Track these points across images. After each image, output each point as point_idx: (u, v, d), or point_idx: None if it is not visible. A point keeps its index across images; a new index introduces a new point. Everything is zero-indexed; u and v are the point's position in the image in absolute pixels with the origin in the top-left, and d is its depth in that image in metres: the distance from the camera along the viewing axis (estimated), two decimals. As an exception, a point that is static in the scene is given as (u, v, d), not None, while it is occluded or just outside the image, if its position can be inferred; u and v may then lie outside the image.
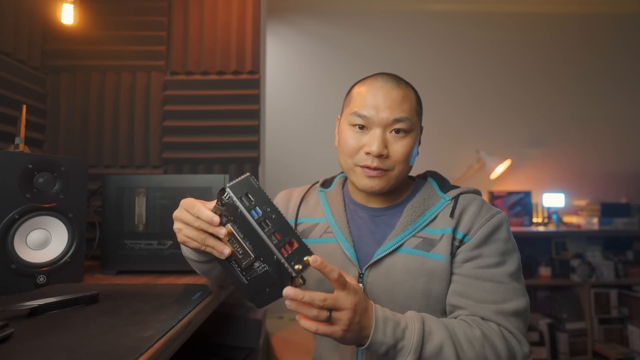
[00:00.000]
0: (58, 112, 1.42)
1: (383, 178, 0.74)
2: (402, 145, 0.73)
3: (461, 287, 0.71)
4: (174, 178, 1.06)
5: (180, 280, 0.95)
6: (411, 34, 2.77)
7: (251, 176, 0.61)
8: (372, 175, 0.74)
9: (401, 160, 0.73)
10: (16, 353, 0.48)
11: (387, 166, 0.73)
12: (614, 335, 2.42)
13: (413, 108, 0.75)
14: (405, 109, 0.73)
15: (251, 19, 1.50)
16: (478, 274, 0.70)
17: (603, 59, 2.79)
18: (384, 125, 0.73)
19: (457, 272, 0.72)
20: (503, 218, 0.74)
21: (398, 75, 0.78)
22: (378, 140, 0.72)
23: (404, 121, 0.73)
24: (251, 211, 0.59)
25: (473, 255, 0.72)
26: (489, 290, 0.69)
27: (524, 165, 2.75)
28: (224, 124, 1.47)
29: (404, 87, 0.75)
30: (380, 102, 0.73)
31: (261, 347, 1.32)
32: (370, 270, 0.75)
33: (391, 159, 0.73)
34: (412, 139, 0.75)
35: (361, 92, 0.76)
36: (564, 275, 2.46)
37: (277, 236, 0.58)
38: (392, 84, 0.74)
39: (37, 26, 1.36)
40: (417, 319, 0.64)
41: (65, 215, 0.88)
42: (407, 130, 0.73)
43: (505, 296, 0.69)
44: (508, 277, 0.70)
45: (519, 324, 0.68)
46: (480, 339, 0.63)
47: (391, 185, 0.76)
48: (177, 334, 0.58)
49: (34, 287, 0.82)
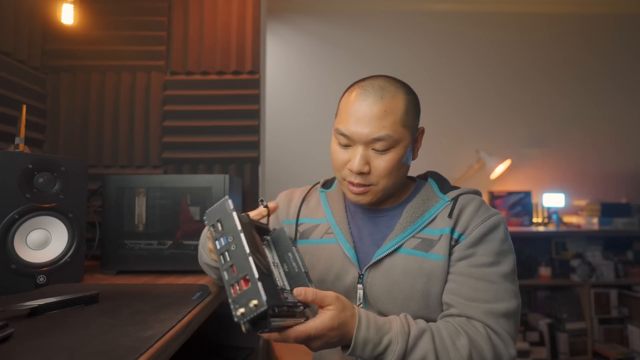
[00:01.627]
0: (58, 112, 1.42)
1: (368, 193, 0.74)
2: (385, 161, 0.72)
3: (454, 286, 0.71)
4: (174, 178, 1.07)
5: (180, 280, 0.95)
6: (411, 34, 2.77)
7: (227, 200, 0.57)
8: (356, 192, 0.74)
9: (384, 175, 0.72)
10: (16, 353, 0.48)
11: (369, 182, 0.73)
12: (614, 335, 2.42)
13: (397, 121, 0.71)
14: (387, 125, 0.70)
15: (251, 19, 1.50)
16: (471, 272, 0.70)
17: (603, 59, 2.79)
18: (364, 143, 0.71)
19: (452, 270, 0.72)
20: (501, 219, 0.74)
21: (388, 80, 0.75)
22: (358, 158, 0.71)
23: (384, 139, 0.70)
24: (217, 240, 0.55)
25: (467, 254, 0.71)
26: (481, 289, 0.69)
27: (524, 165, 2.75)
28: (224, 124, 1.47)
29: (388, 98, 0.71)
30: (361, 118, 0.71)
31: (261, 347, 1.32)
32: (370, 270, 0.75)
33: (374, 174, 0.73)
34: (397, 152, 0.72)
35: (346, 106, 0.74)
36: (564, 275, 2.46)
37: (233, 271, 0.52)
38: (374, 98, 0.71)
39: (37, 26, 1.36)
40: (402, 333, 0.62)
41: (65, 215, 0.88)
42: (388, 147, 0.71)
43: (496, 296, 0.68)
44: (501, 278, 0.70)
45: (508, 325, 0.67)
46: (466, 347, 0.63)
47: (378, 197, 0.76)
48: (177, 334, 0.58)
49: (34, 287, 0.82)
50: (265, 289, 0.49)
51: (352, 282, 0.76)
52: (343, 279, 0.77)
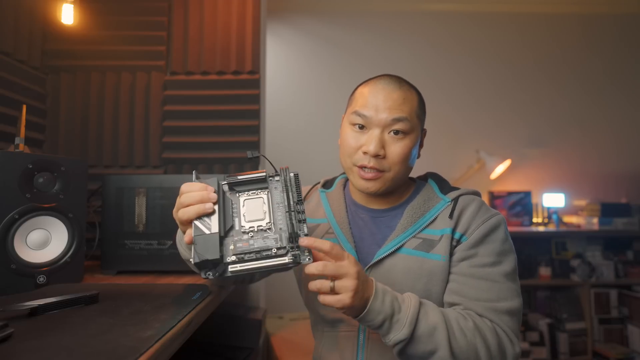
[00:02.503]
0: (58, 112, 1.42)
1: (378, 180, 0.74)
2: (400, 147, 0.73)
3: (457, 286, 0.71)
4: (174, 178, 1.06)
5: (180, 280, 0.95)
6: (411, 34, 2.77)
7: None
8: (367, 178, 0.74)
9: (398, 161, 0.73)
10: (16, 353, 0.48)
11: (383, 167, 0.73)
12: (614, 335, 2.42)
13: (414, 110, 0.75)
14: (405, 110, 0.73)
15: (251, 19, 1.50)
16: (473, 272, 0.71)
17: (603, 59, 2.79)
18: (382, 126, 0.73)
19: (453, 270, 0.73)
20: (501, 219, 0.75)
21: (402, 78, 0.78)
22: (375, 140, 0.72)
23: (403, 121, 0.72)
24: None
25: (469, 255, 0.72)
26: (484, 288, 0.69)
27: (524, 165, 2.75)
28: (224, 124, 1.47)
29: (405, 89, 0.75)
30: (380, 103, 0.73)
31: (261, 347, 1.32)
32: (371, 270, 0.75)
33: (388, 159, 0.73)
34: (411, 140, 0.74)
35: (363, 92, 0.77)
36: (564, 275, 2.46)
37: None
38: (394, 86, 0.74)
39: (37, 26, 1.36)
40: (414, 297, 0.65)
41: (65, 215, 0.88)
42: (405, 131, 0.73)
43: (499, 295, 0.69)
44: (503, 277, 0.71)
45: (512, 323, 0.68)
46: (472, 329, 0.64)
47: (387, 187, 0.76)
48: (177, 334, 0.58)
49: (34, 287, 0.82)
50: (198, 248, 0.58)
51: (353, 283, 0.76)
52: None
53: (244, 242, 0.60)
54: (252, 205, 0.64)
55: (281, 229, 0.62)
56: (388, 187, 0.76)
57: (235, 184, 0.66)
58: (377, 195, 0.79)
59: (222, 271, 0.58)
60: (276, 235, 0.61)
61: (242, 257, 0.58)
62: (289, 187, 0.64)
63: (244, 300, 1.49)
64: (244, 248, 0.59)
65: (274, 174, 0.68)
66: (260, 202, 0.65)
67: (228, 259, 0.58)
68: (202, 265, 0.58)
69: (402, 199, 0.82)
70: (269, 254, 0.59)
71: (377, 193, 0.76)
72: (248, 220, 0.63)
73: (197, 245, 0.58)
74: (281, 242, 0.60)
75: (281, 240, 0.60)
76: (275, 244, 0.60)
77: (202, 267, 0.58)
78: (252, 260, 0.59)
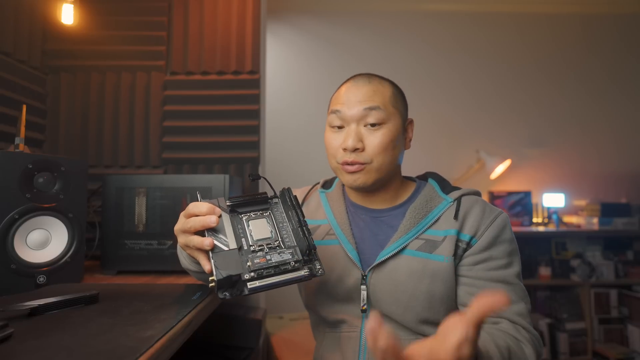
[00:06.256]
0: (58, 112, 1.42)
1: (363, 172, 0.75)
2: (378, 137, 0.74)
3: (476, 290, 0.72)
4: (174, 178, 1.06)
5: (180, 280, 0.95)
6: (411, 34, 2.76)
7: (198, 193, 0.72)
8: (351, 171, 0.75)
9: (378, 151, 0.74)
10: (16, 353, 0.48)
11: (364, 159, 0.74)
12: (614, 335, 2.41)
13: (387, 99, 0.76)
14: (377, 100, 0.75)
15: (251, 19, 1.50)
16: (490, 276, 0.72)
17: (603, 59, 2.79)
18: (357, 120, 0.75)
19: (469, 274, 0.73)
20: (506, 218, 0.76)
21: (374, 74, 0.80)
22: (352, 135, 0.74)
23: (375, 110, 0.74)
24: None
25: (483, 258, 0.72)
26: (502, 291, 0.70)
27: (524, 165, 2.75)
28: (224, 124, 1.47)
29: (376, 82, 0.77)
30: (351, 97, 0.75)
31: (261, 347, 1.32)
32: (373, 272, 0.75)
33: (367, 151, 0.74)
34: (389, 130, 0.75)
35: (338, 93, 0.79)
36: (564, 275, 2.46)
37: None
38: (364, 81, 0.77)
39: (37, 26, 1.36)
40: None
41: (65, 215, 0.88)
42: (380, 121, 0.74)
43: (517, 297, 0.71)
44: (516, 278, 0.73)
45: (531, 323, 0.70)
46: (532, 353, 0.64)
47: (375, 178, 0.75)
48: (177, 334, 0.58)
49: (34, 287, 0.82)
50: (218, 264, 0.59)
51: (355, 284, 0.76)
52: (345, 280, 0.76)
53: (261, 259, 0.61)
54: (257, 225, 0.67)
55: (290, 246, 0.64)
56: (376, 178, 0.76)
57: (237, 205, 0.68)
58: (370, 191, 0.79)
59: (240, 290, 0.59)
60: (290, 250, 0.63)
61: (261, 273, 0.59)
62: (294, 205, 0.68)
63: (244, 300, 1.48)
64: (262, 264, 0.60)
65: (273, 196, 0.71)
66: (265, 222, 0.67)
67: (246, 276, 0.59)
68: (221, 284, 0.58)
69: (402, 198, 0.81)
70: (287, 267, 0.61)
71: (366, 186, 0.76)
72: (256, 239, 0.64)
73: (217, 262, 0.59)
74: (297, 255, 0.62)
75: (297, 254, 0.62)
76: (292, 257, 0.62)
77: (221, 286, 0.58)
78: (271, 275, 0.60)
